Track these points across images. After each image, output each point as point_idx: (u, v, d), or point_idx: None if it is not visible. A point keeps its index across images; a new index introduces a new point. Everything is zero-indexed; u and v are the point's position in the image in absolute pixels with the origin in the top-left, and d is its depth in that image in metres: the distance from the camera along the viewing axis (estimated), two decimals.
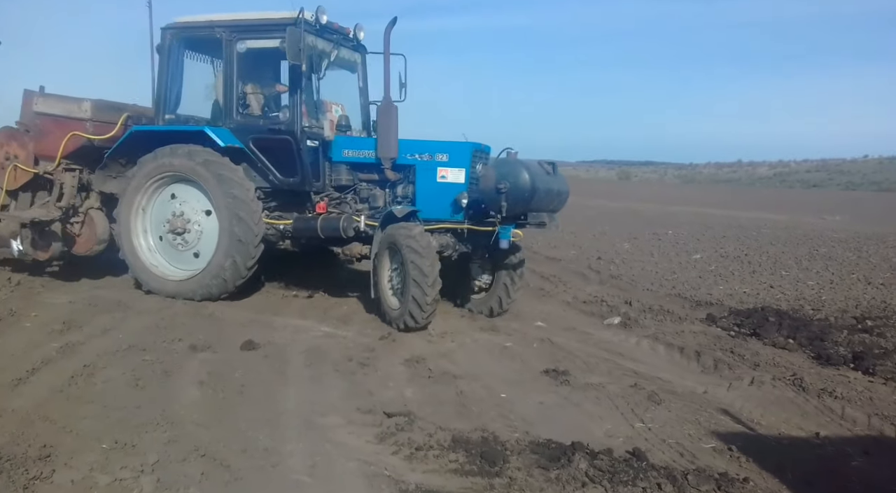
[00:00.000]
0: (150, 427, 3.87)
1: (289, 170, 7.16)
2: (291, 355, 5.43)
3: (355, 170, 7.39)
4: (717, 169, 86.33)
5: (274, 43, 7.09)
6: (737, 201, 35.38)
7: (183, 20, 7.46)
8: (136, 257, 7.27)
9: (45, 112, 7.53)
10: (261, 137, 7.16)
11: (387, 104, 6.91)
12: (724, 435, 4.18)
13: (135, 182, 7.21)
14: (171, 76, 7.46)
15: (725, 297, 8.66)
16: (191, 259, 7.26)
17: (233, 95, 7.25)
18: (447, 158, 6.97)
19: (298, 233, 7.29)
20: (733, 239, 15.75)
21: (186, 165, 7.00)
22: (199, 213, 7.19)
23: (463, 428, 4.06)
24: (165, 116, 7.46)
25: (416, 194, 7.09)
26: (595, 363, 5.64)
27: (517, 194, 6.22)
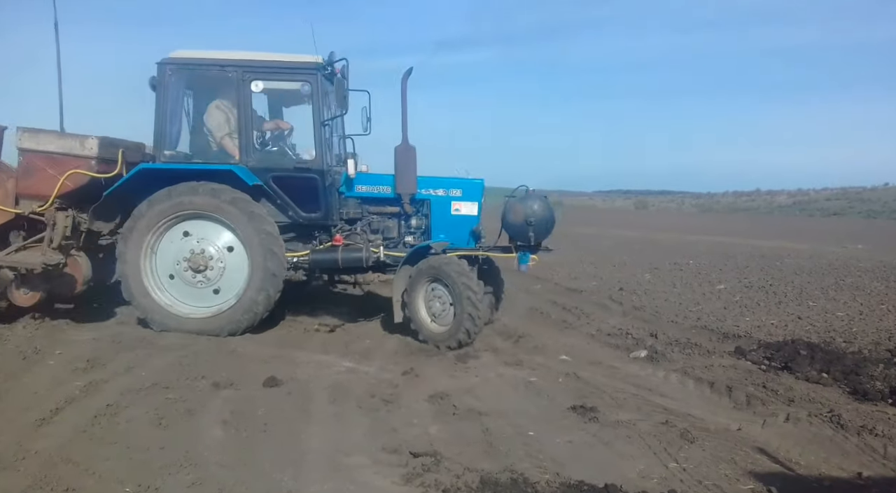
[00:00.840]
0: (173, 469, 3.81)
1: (311, 206, 7.46)
2: (314, 392, 5.37)
3: (365, 203, 7.87)
4: (735, 198, 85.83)
5: (290, 85, 7.56)
6: (757, 230, 35.02)
7: (182, 55, 7.36)
8: (148, 298, 7.07)
9: (33, 149, 6.98)
10: (283, 175, 7.39)
11: (405, 145, 7.43)
12: (763, 476, 4.03)
13: (144, 221, 7.03)
14: (171, 112, 7.35)
15: (753, 329, 8.48)
16: (210, 296, 7.24)
17: (251, 134, 7.36)
18: (461, 193, 7.75)
19: (316, 264, 7.61)
20: (756, 269, 15.51)
21: (211, 204, 7.04)
22: (222, 250, 7.20)
23: (491, 469, 3.96)
24: (165, 152, 7.30)
25: (431, 226, 7.78)
26: (623, 399, 5.50)
27: (542, 226, 7.19)
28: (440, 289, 7.07)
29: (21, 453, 3.92)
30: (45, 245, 6.89)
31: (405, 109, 7.38)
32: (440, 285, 7.06)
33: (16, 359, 5.85)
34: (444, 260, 7.10)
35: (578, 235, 26.56)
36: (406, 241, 7.86)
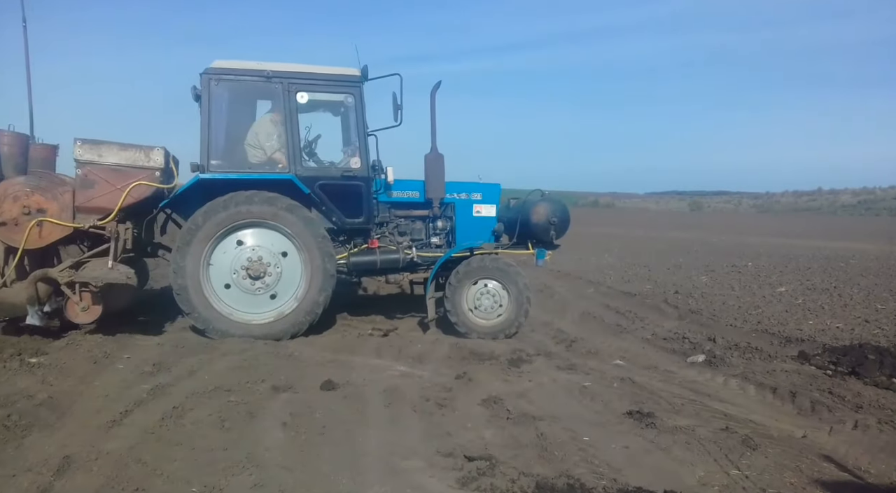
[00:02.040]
0: (236, 470, 3.92)
1: (354, 211, 7.82)
2: (370, 395, 5.44)
3: (393, 207, 8.30)
4: (795, 197, 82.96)
5: (334, 96, 7.96)
6: (819, 231, 33.80)
7: (226, 65, 7.44)
8: (210, 308, 7.17)
9: (94, 161, 6.85)
10: (331, 184, 7.69)
11: (435, 153, 7.96)
12: (830, 485, 3.90)
13: (203, 232, 7.10)
14: (215, 122, 7.45)
15: (817, 332, 8.19)
16: (268, 301, 7.43)
17: (298, 144, 7.61)
18: (481, 196, 8.45)
19: (355, 267, 7.97)
20: (819, 271, 14.97)
21: (268, 212, 7.22)
22: (277, 256, 7.39)
23: (546, 474, 3.94)
24: (212, 162, 7.36)
25: (456, 228, 8.38)
26: (681, 405, 5.39)
27: (562, 225, 8.06)
28: (491, 286, 7.67)
29: (94, 453, 4.09)
30: (111, 259, 6.79)
31: (434, 119, 7.84)
32: (492, 283, 7.67)
33: (87, 363, 6.11)
34: (496, 259, 7.76)
35: (631, 237, 26.14)
36: (432, 242, 8.39)
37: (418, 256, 8.07)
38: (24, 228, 6.70)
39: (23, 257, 6.87)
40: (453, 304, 7.61)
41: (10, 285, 6.78)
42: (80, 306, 6.77)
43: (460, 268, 7.66)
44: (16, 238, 6.74)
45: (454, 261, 7.86)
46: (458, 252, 7.95)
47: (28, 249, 6.80)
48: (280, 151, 7.65)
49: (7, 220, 6.73)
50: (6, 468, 3.87)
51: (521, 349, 7.14)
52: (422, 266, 8.17)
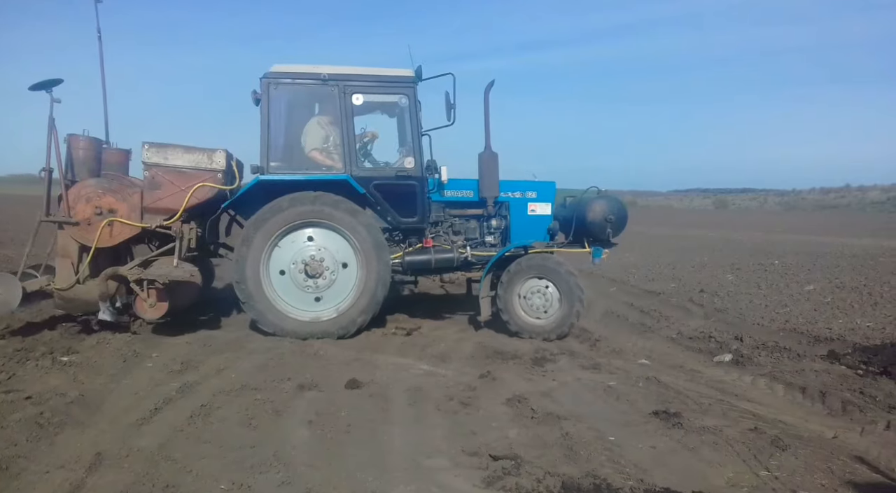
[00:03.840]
0: (263, 468, 3.96)
1: (409, 211, 7.89)
2: (394, 394, 5.47)
3: (447, 206, 8.28)
4: (822, 194, 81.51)
5: (388, 97, 7.99)
6: (847, 228, 33.18)
7: (284, 69, 7.61)
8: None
9: (160, 163, 7.20)
10: (385, 183, 7.78)
11: (489, 152, 7.88)
12: (862, 486, 3.83)
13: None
14: (274, 124, 7.62)
15: (847, 332, 8.04)
16: (322, 302, 7.54)
17: (354, 145, 7.71)
18: (536, 195, 8.37)
19: (409, 266, 7.98)
20: (848, 269, 14.69)
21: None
22: (338, 262, 7.52)
23: (572, 474, 3.92)
24: (272, 163, 7.54)
25: (511, 226, 8.30)
26: (708, 405, 5.33)
27: (619, 223, 7.99)
28: (542, 285, 7.65)
29: (125, 450, 4.16)
30: (176, 257, 7.10)
31: (488, 118, 7.78)
32: (544, 282, 7.65)
33: (117, 362, 6.22)
34: (551, 259, 7.80)
35: (653, 235, 25.92)
36: (486, 241, 8.33)
37: (473, 255, 8.08)
38: (97, 228, 7.08)
39: (95, 255, 7.16)
40: (504, 302, 7.60)
41: (84, 283, 7.10)
42: (148, 302, 7.01)
43: (512, 266, 7.66)
44: (89, 237, 7.10)
45: (509, 260, 7.85)
46: (512, 250, 7.93)
47: (100, 247, 7.13)
48: (323, 153, 7.79)
49: (80, 220, 7.11)
50: (40, 465, 3.96)
51: (545, 349, 7.12)
52: (476, 265, 8.17)
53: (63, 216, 7.12)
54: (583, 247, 8.18)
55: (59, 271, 7.20)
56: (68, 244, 7.18)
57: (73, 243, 7.16)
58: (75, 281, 7.09)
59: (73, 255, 7.16)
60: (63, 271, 7.15)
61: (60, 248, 7.22)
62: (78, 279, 7.10)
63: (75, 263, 7.16)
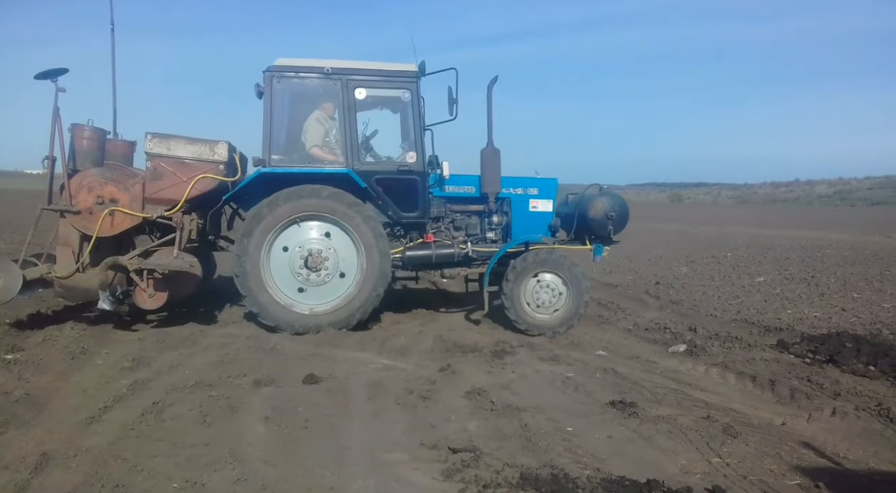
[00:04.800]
0: (218, 465, 3.88)
1: (410, 206, 7.85)
2: (353, 389, 5.42)
3: (448, 202, 8.24)
4: (773, 188, 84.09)
5: (391, 92, 7.96)
6: (796, 221, 34.26)
7: (287, 63, 7.57)
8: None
9: (163, 154, 7.17)
10: (387, 178, 7.72)
11: (491, 148, 7.82)
12: (810, 471, 3.95)
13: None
14: (277, 118, 7.56)
15: (795, 321, 8.31)
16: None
17: (356, 139, 7.67)
18: (537, 191, 8.32)
19: (410, 261, 7.98)
20: (797, 260, 15.18)
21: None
22: (335, 252, 7.47)
23: (531, 464, 3.95)
24: (274, 156, 7.48)
25: (512, 223, 8.27)
26: (663, 394, 5.44)
27: (621, 220, 7.93)
28: (549, 280, 7.64)
29: (72, 450, 4.03)
30: (176, 248, 7.09)
31: (490, 114, 7.75)
32: (550, 276, 7.64)
33: (65, 359, 6.02)
34: (555, 253, 7.76)
35: None
36: (488, 237, 8.33)
37: (473, 250, 8.03)
38: (98, 217, 7.05)
39: (97, 244, 7.13)
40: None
41: (84, 271, 7.06)
42: (148, 292, 6.98)
43: (517, 262, 7.60)
44: (90, 226, 7.08)
45: (509, 256, 7.84)
46: (515, 247, 7.91)
47: (101, 236, 7.11)
48: (324, 147, 7.75)
49: (82, 209, 7.07)
50: None
51: (505, 341, 7.16)
52: (477, 261, 8.14)
53: (65, 205, 7.08)
54: (584, 244, 8.17)
55: (59, 259, 7.15)
56: (69, 233, 7.14)
57: (75, 232, 7.13)
58: (76, 270, 7.03)
59: (73, 243, 7.13)
60: (64, 260, 7.11)
61: (61, 236, 7.17)
62: (78, 268, 7.05)
63: (76, 251, 7.12)
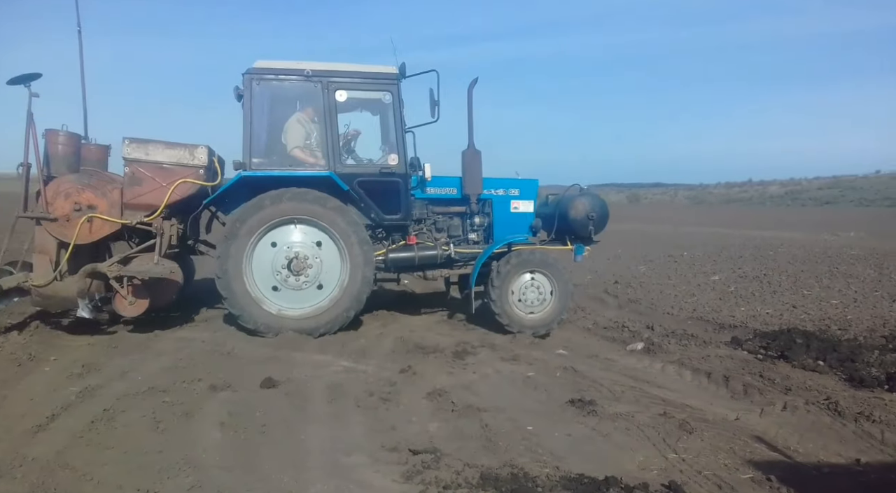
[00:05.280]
0: (172, 472, 3.79)
1: (392, 208, 7.79)
2: (312, 392, 5.36)
3: (430, 204, 8.24)
4: (727, 189, 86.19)
5: (372, 94, 7.89)
6: (750, 221, 35.15)
7: (267, 65, 7.48)
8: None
9: (141, 159, 7.06)
10: (369, 180, 7.66)
11: (472, 150, 7.82)
12: (762, 464, 4.05)
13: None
14: (257, 121, 7.44)
15: (749, 319, 8.51)
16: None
17: (337, 142, 7.60)
18: (518, 192, 8.36)
19: (393, 263, 7.95)
20: (750, 259, 15.56)
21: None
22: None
23: (491, 464, 3.95)
24: (254, 160, 7.39)
25: (494, 224, 8.30)
26: (621, 392, 5.51)
27: (601, 220, 8.01)
28: (537, 280, 7.68)
29: (18, 460, 3.89)
30: (156, 254, 6.97)
31: (471, 116, 7.74)
32: (539, 277, 7.68)
33: (11, 366, 5.80)
34: (544, 254, 7.84)
35: None
36: (470, 238, 8.36)
37: (456, 252, 8.05)
38: (75, 224, 6.89)
39: (73, 252, 6.97)
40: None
41: (62, 279, 6.89)
42: (128, 299, 6.88)
43: (504, 262, 7.62)
44: (67, 233, 6.92)
45: (490, 256, 7.87)
46: (500, 247, 7.92)
47: (78, 244, 6.95)
48: (305, 150, 7.68)
49: (59, 216, 6.91)
50: None
51: (466, 342, 7.17)
52: (459, 262, 8.17)
53: (41, 212, 6.91)
54: (565, 244, 8.23)
55: (36, 267, 6.97)
56: (46, 241, 6.98)
57: (51, 240, 6.97)
58: (53, 278, 6.86)
59: (50, 251, 6.97)
60: (41, 268, 6.93)
61: (38, 244, 7.00)
62: (56, 276, 6.88)
63: (53, 259, 6.96)
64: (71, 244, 6.89)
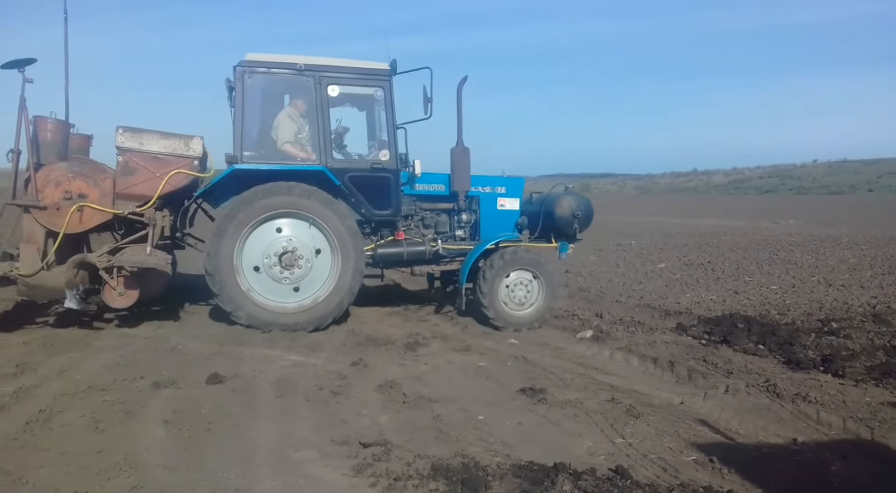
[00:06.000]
0: (112, 473, 3.66)
1: (383, 203, 7.78)
2: (260, 387, 5.26)
3: (418, 200, 8.22)
4: (673, 178, 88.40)
5: (364, 90, 7.91)
6: (695, 210, 36.14)
7: (258, 58, 7.39)
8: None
9: (135, 149, 6.92)
10: (360, 175, 7.65)
11: (461, 147, 7.87)
12: (705, 447, 4.16)
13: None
14: (248, 114, 7.34)
15: (693, 305, 8.75)
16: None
17: (329, 136, 7.56)
18: (505, 190, 8.45)
19: (381, 258, 7.94)
20: (695, 247, 16.01)
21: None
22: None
23: (442, 455, 3.95)
24: (246, 153, 7.30)
25: (480, 221, 8.35)
26: (571, 379, 5.59)
27: (586, 219, 8.06)
28: (525, 277, 7.72)
29: None
30: (149, 245, 6.84)
31: (460, 113, 7.78)
32: (529, 274, 7.72)
33: None
34: (529, 251, 7.90)
35: None
36: (457, 234, 8.36)
37: (444, 248, 8.06)
38: (66, 213, 6.72)
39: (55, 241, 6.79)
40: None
41: (50, 269, 6.73)
42: (118, 290, 6.75)
43: (497, 258, 7.65)
44: (57, 222, 6.74)
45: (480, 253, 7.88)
46: (491, 244, 7.91)
47: (68, 233, 6.79)
48: (296, 144, 7.62)
49: (49, 204, 6.73)
50: None
51: (418, 333, 7.16)
52: (446, 258, 8.18)
53: (31, 200, 6.69)
54: (549, 242, 8.31)
55: (23, 256, 6.74)
56: (35, 229, 6.77)
57: (40, 229, 6.77)
58: (41, 267, 6.66)
59: (39, 240, 6.77)
60: (28, 257, 6.71)
61: (26, 233, 6.79)
62: (44, 266, 6.68)
63: (41, 248, 6.77)
64: (60, 234, 6.71)
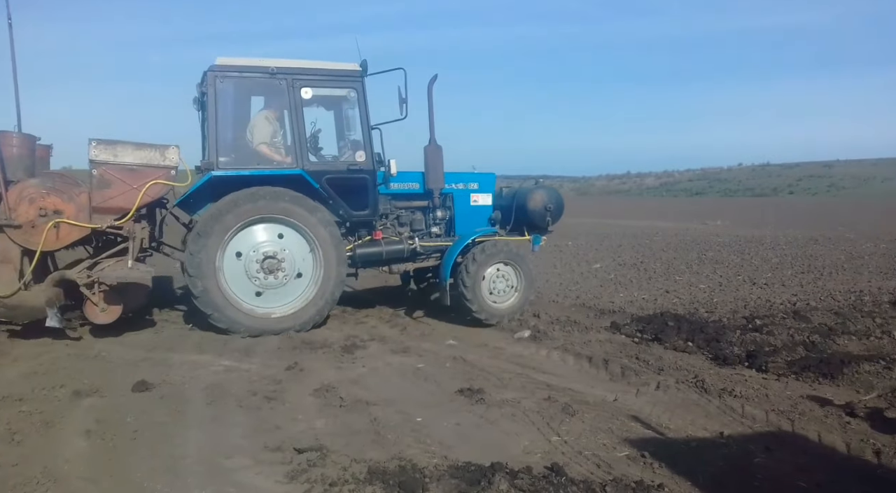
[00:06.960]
0: (29, 487, 3.47)
1: (360, 204, 7.80)
2: (190, 394, 5.09)
3: (394, 199, 8.26)
4: (608, 181, 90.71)
5: (336, 91, 7.89)
6: (629, 211, 37.17)
7: (229, 62, 7.26)
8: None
9: (109, 161, 6.74)
10: (337, 177, 7.62)
11: (434, 145, 7.99)
12: (637, 442, 4.25)
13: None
14: (221, 119, 7.20)
15: (626, 304, 8.97)
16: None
17: (304, 139, 7.51)
18: (477, 186, 8.59)
19: (360, 258, 7.91)
20: (629, 247, 16.43)
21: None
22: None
23: (379, 458, 3.90)
24: (220, 158, 7.14)
25: (455, 217, 8.46)
26: (508, 379, 5.63)
27: (557, 212, 8.42)
28: (505, 270, 7.88)
29: None
30: (130, 258, 6.72)
31: (432, 112, 7.91)
32: (506, 267, 7.88)
33: None
34: (508, 244, 8.06)
35: None
36: (432, 232, 8.44)
37: (421, 245, 8.10)
38: (42, 231, 6.58)
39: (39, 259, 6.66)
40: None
41: (28, 289, 6.59)
42: (100, 306, 6.58)
43: (478, 252, 7.72)
44: (33, 241, 6.60)
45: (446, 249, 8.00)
46: (469, 240, 7.99)
47: (45, 251, 6.67)
48: (272, 147, 7.56)
49: (24, 222, 6.59)
50: None
51: (356, 335, 7.08)
52: (422, 255, 8.22)
53: (3, 219, 6.54)
54: (522, 235, 8.46)
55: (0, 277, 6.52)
56: (9, 249, 6.61)
57: (15, 248, 6.62)
58: (19, 287, 6.50)
59: (15, 260, 6.61)
60: (4, 278, 6.53)
61: (1, 253, 6.60)
62: (22, 285, 6.52)
63: (18, 268, 6.61)
64: (38, 252, 6.56)
